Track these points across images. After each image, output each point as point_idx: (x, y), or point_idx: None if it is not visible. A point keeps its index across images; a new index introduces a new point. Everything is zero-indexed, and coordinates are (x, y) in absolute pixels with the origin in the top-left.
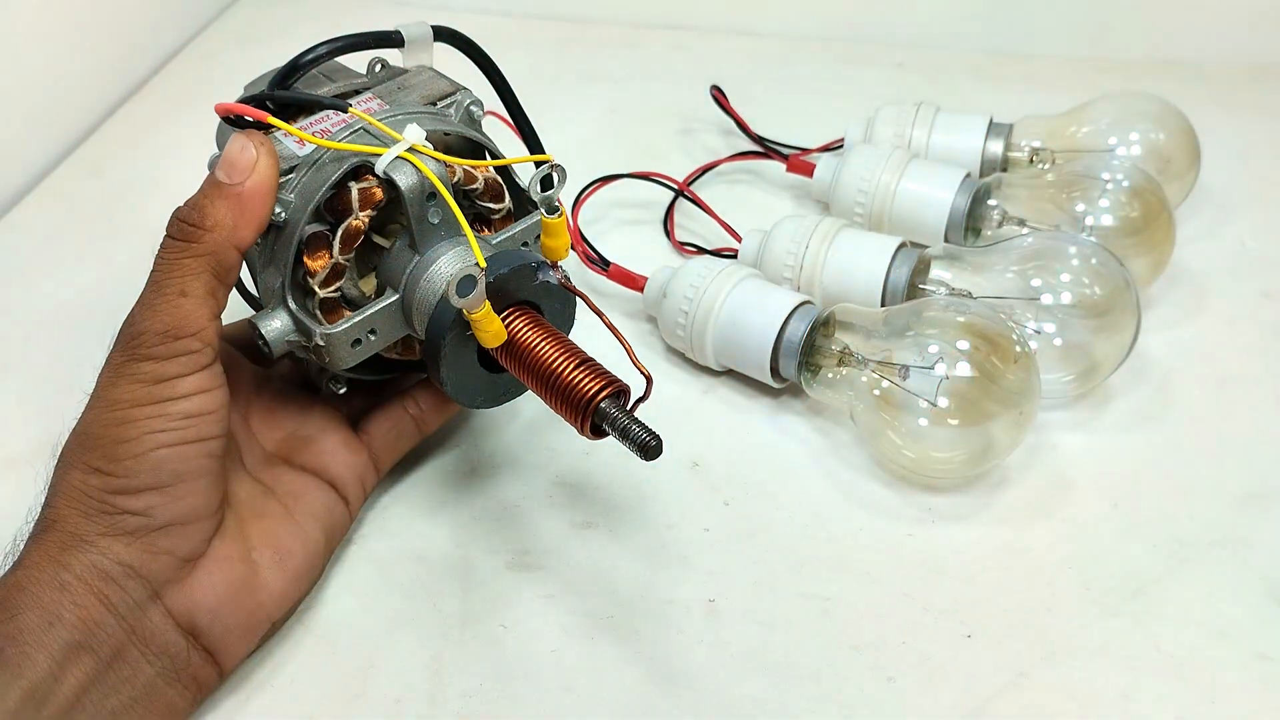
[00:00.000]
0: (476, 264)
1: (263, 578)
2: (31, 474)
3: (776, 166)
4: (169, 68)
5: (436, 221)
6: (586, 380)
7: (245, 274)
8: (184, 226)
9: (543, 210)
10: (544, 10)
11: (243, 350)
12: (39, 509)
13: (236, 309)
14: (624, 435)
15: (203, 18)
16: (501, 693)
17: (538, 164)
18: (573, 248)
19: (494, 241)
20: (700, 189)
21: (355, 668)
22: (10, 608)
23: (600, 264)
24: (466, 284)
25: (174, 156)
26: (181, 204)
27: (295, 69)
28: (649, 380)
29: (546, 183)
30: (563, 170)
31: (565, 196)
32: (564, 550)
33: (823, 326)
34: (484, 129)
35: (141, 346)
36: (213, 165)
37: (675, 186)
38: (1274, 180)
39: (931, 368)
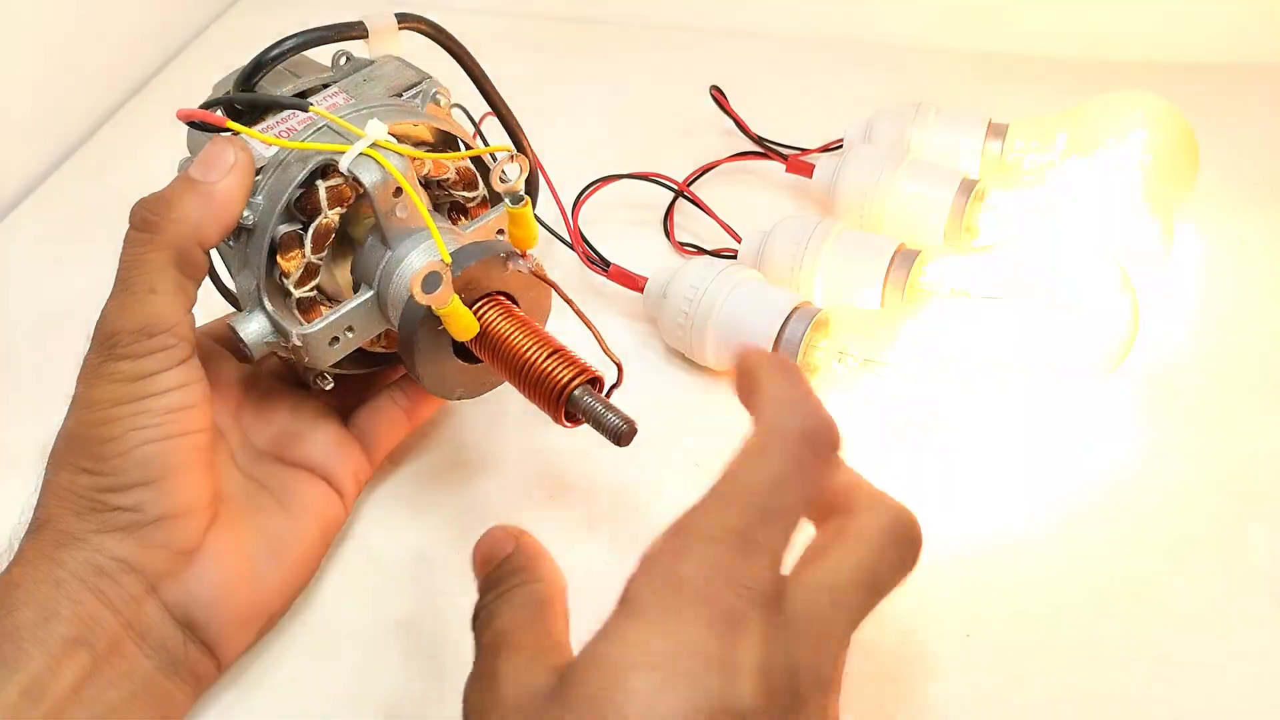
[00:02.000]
0: (441, 259)
1: (259, 572)
2: (32, 474)
3: (776, 167)
4: (168, 71)
5: (404, 216)
6: (559, 369)
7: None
8: (146, 217)
9: (507, 201)
10: (544, 10)
11: (230, 349)
12: (32, 510)
13: (225, 308)
14: (597, 423)
15: (201, 21)
16: None
17: (495, 155)
18: (572, 248)
19: (467, 230)
20: (700, 189)
21: (354, 666)
22: (6, 605)
23: (600, 264)
24: (431, 280)
25: (174, 159)
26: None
27: (259, 67)
28: (619, 368)
29: (508, 175)
30: (524, 160)
31: (565, 197)
32: (563, 550)
33: (822, 327)
34: (453, 115)
35: (117, 346)
36: (182, 169)
37: (675, 187)
38: (1274, 180)
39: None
